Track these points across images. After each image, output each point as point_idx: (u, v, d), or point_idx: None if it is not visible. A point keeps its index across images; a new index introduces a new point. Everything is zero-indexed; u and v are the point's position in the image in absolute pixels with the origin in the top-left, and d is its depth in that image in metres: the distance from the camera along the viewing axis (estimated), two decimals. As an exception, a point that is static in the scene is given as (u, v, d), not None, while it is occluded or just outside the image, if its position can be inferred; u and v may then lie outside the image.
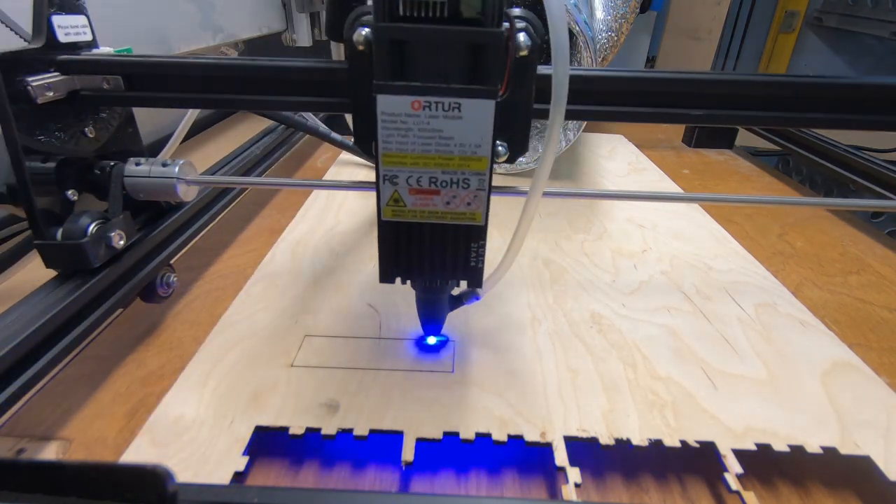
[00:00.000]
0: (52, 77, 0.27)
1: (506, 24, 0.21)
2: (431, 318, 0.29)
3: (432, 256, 0.25)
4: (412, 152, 0.22)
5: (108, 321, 0.29)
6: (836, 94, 0.28)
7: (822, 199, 0.35)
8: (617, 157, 0.69)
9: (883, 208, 0.33)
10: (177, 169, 0.30)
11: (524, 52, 0.23)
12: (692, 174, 0.66)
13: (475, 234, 0.24)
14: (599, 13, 0.69)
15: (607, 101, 0.28)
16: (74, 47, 0.29)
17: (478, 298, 0.29)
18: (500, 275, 0.27)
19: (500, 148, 0.26)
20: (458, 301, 0.29)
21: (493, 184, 0.24)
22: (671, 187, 0.60)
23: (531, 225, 0.25)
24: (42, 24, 0.27)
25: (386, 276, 0.26)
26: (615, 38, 0.69)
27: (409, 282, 0.27)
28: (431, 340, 0.32)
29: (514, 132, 0.26)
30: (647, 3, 1.25)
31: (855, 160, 0.56)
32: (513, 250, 0.26)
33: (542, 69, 0.26)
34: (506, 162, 0.26)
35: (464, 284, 0.27)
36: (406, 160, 0.22)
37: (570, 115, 0.29)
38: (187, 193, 0.31)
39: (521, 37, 0.23)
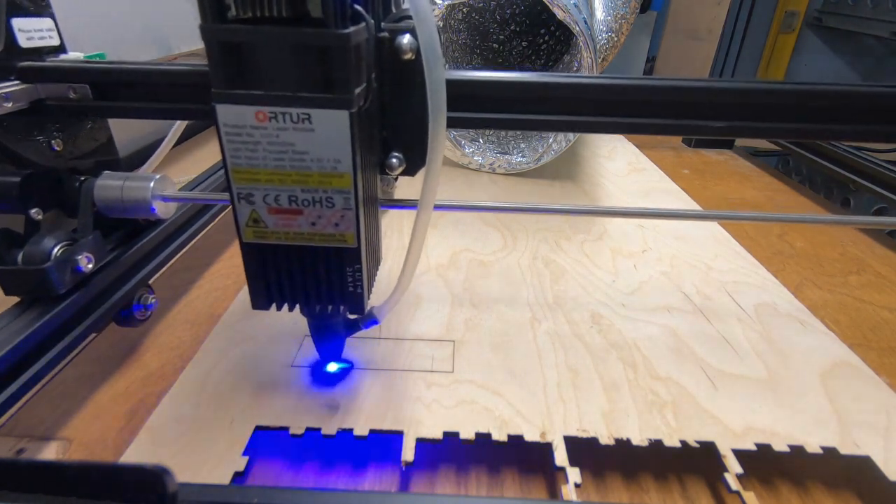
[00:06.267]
0: (11, 86, 0.25)
1: (362, 24, 0.19)
2: (326, 343, 0.28)
3: (305, 282, 0.23)
4: (265, 168, 0.20)
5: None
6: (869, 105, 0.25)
7: (839, 217, 0.34)
8: (617, 157, 0.69)
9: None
10: (152, 184, 0.28)
11: (409, 56, 0.21)
12: (692, 174, 0.66)
13: (349, 258, 0.22)
14: (599, 13, 0.69)
15: (614, 112, 0.26)
16: (39, 53, 0.27)
17: (376, 322, 0.27)
18: (396, 298, 0.25)
19: (393, 160, 0.24)
20: (354, 325, 0.27)
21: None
22: (671, 188, 0.60)
23: (424, 243, 0.23)
24: (0, 28, 0.25)
25: (258, 302, 0.23)
26: (615, 38, 0.69)
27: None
28: (332, 367, 0.29)
29: (409, 142, 0.24)
30: (647, 3, 1.25)
31: (855, 160, 0.56)
32: (407, 272, 0.24)
33: (456, 74, 0.24)
34: (403, 174, 0.24)
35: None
36: (260, 177, 0.20)
37: (578, 128, 0.28)
38: (164, 211, 0.29)
39: (406, 39, 0.21)
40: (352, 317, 0.27)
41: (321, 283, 0.23)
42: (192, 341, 0.33)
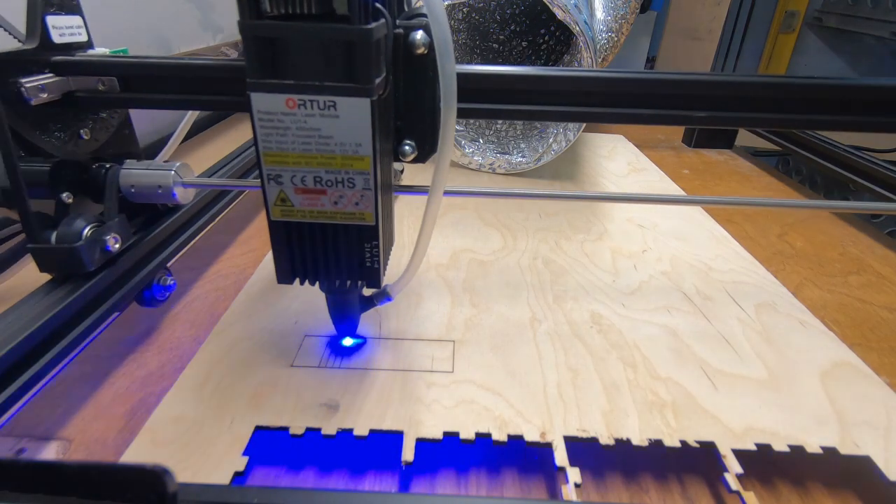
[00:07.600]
0: (46, 78, 0.27)
1: (382, 20, 0.20)
2: (343, 318, 0.29)
3: (326, 257, 0.25)
4: (293, 151, 0.22)
5: (104, 325, 0.29)
6: (843, 96, 0.27)
7: (824, 202, 0.34)
8: (617, 157, 0.69)
9: (885, 210, 0.32)
10: (173, 171, 0.30)
11: (422, 50, 0.23)
12: (692, 174, 0.66)
13: (367, 235, 0.24)
14: (599, 14, 0.69)
15: (611, 102, 0.28)
16: (69, 48, 0.28)
17: (390, 299, 0.28)
18: (408, 277, 0.27)
19: (406, 147, 0.26)
20: (370, 302, 0.29)
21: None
22: (671, 187, 0.60)
23: (434, 226, 0.25)
24: (36, 25, 0.27)
25: (283, 277, 0.25)
26: (615, 38, 0.69)
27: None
28: (347, 342, 0.31)
29: (421, 131, 0.26)
30: (647, 3, 1.25)
31: (855, 160, 0.56)
32: (419, 252, 0.26)
33: (466, 68, 0.26)
34: (415, 161, 0.26)
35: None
36: (288, 159, 0.22)
37: (574, 118, 0.29)
38: (184, 196, 0.31)
39: (419, 35, 0.23)
40: (367, 294, 0.29)
41: (341, 258, 0.25)
42: (192, 341, 0.33)
